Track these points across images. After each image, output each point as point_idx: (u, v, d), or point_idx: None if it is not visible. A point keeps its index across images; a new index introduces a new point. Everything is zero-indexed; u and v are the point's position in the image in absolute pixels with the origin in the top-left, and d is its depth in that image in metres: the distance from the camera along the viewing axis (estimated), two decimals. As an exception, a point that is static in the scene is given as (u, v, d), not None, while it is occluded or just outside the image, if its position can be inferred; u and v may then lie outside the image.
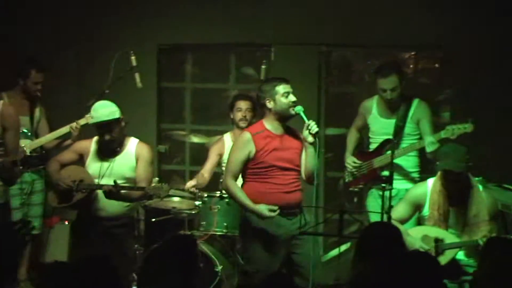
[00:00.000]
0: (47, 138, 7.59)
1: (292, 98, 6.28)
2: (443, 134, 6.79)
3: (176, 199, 7.75)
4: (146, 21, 8.82)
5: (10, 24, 8.78)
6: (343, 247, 7.49)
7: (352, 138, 7.65)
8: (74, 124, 7.45)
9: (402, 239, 4.99)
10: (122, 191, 6.70)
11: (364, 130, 7.63)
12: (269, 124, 6.37)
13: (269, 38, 8.66)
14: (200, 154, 8.52)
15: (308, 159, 6.32)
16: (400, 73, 7.27)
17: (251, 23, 8.64)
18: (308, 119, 6.20)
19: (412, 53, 8.88)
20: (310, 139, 6.20)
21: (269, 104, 6.32)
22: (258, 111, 6.92)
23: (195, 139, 8.58)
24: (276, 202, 6.27)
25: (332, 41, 8.76)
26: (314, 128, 6.17)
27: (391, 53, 8.80)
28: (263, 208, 6.13)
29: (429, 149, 6.89)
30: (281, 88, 6.30)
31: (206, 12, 8.70)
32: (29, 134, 7.63)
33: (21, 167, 6.38)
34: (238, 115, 7.58)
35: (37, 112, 7.75)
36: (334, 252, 7.75)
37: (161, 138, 9.02)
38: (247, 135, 6.36)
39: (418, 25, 8.30)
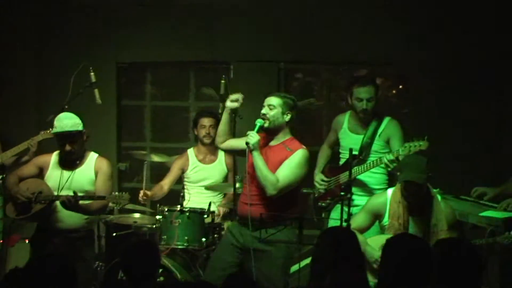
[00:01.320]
0: (6, 154, 7.54)
1: (262, 110, 6.47)
2: (401, 152, 6.73)
3: (136, 214, 7.76)
4: (105, 39, 8.84)
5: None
6: (304, 262, 7.46)
7: (323, 154, 7.63)
8: (30, 141, 7.45)
9: (357, 244, 5.01)
10: (81, 202, 6.63)
11: (337, 146, 7.61)
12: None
13: (227, 56, 8.72)
14: (160, 172, 8.50)
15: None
16: (376, 85, 7.30)
17: (210, 41, 8.71)
18: (257, 130, 6.38)
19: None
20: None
21: (222, 109, 6.69)
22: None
23: (156, 158, 8.55)
24: (240, 213, 6.46)
25: (290, 58, 8.83)
26: (248, 138, 6.32)
27: (347, 69, 8.85)
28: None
29: (388, 167, 6.91)
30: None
31: (165, 30, 8.76)
32: None
33: None
34: (202, 132, 7.74)
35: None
36: (294, 267, 7.73)
37: (121, 156, 8.98)
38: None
39: (372, 42, 8.43)
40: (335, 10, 8.54)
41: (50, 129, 7.27)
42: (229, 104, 6.48)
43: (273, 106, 6.45)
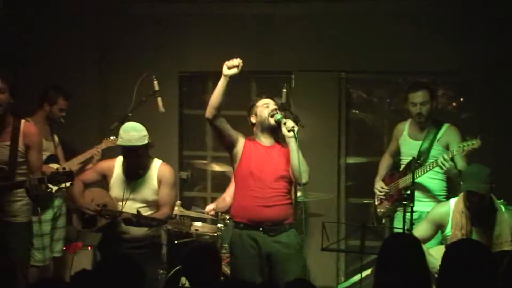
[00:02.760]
0: (73, 162, 7.66)
1: (271, 107, 6.46)
2: (455, 152, 6.81)
3: (198, 222, 7.80)
4: (168, 48, 8.92)
5: (31, 49, 8.88)
6: (365, 273, 7.44)
7: (384, 163, 7.73)
8: (94, 150, 7.58)
9: (422, 250, 4.96)
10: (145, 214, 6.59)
11: (397, 156, 7.66)
12: (257, 138, 6.53)
13: (289, 65, 8.73)
14: (221, 182, 8.55)
15: (290, 155, 6.33)
16: (430, 89, 7.34)
17: (271, 51, 8.73)
18: (287, 119, 6.38)
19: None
20: (288, 134, 6.27)
21: (253, 120, 6.55)
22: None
23: (217, 167, 8.59)
24: (255, 217, 6.37)
25: (351, 67, 8.82)
26: (290, 123, 6.28)
27: (408, 79, 8.79)
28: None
29: (443, 167, 6.88)
30: (260, 102, 6.55)
31: (226, 40, 8.75)
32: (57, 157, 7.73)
33: (49, 185, 6.42)
34: None
35: (55, 138, 7.84)
36: (356, 277, 7.70)
37: (183, 164, 9.03)
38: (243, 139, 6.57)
39: (435, 51, 8.37)
40: (397, 19, 8.51)
41: (114, 137, 7.35)
42: (227, 71, 6.36)
43: (278, 107, 6.55)
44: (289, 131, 6.26)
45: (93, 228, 6.73)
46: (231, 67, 6.31)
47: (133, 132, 6.62)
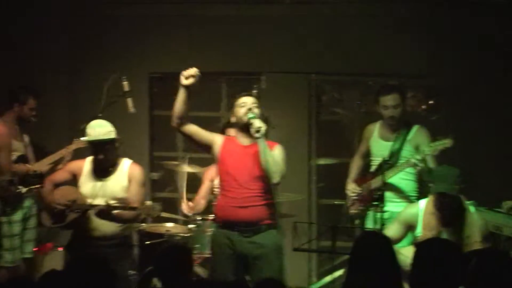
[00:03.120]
0: (43, 162, 7.61)
1: (248, 106, 6.38)
2: (426, 151, 6.84)
3: (169, 223, 7.79)
4: (138, 49, 8.93)
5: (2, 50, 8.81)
6: (337, 274, 7.44)
7: (354, 164, 7.70)
8: (64, 150, 7.54)
9: (391, 248, 4.99)
10: (114, 211, 6.64)
11: (367, 157, 7.64)
12: (237, 137, 6.49)
13: (259, 67, 8.74)
14: (192, 182, 8.50)
15: (259, 156, 6.27)
16: (401, 91, 7.35)
17: (242, 52, 8.74)
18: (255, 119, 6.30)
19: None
20: (255, 134, 6.21)
21: (232, 119, 6.51)
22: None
23: (188, 168, 8.57)
24: (230, 217, 6.33)
25: (321, 69, 8.84)
26: (256, 123, 6.22)
27: (376, 81, 8.82)
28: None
29: (417, 167, 6.94)
30: (239, 101, 6.47)
31: (197, 41, 8.79)
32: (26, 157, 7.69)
33: (19, 187, 6.40)
34: None
35: (25, 138, 7.79)
36: (328, 278, 7.71)
37: (154, 165, 9.02)
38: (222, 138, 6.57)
39: (401, 55, 8.45)
40: (367, 22, 8.56)
41: (82, 138, 7.33)
42: (184, 81, 6.36)
43: (257, 105, 6.45)
44: (256, 131, 6.24)
45: (62, 223, 6.74)
46: (187, 76, 6.31)
47: (98, 128, 6.73)
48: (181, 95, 6.40)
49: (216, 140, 6.46)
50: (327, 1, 8.62)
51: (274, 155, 6.32)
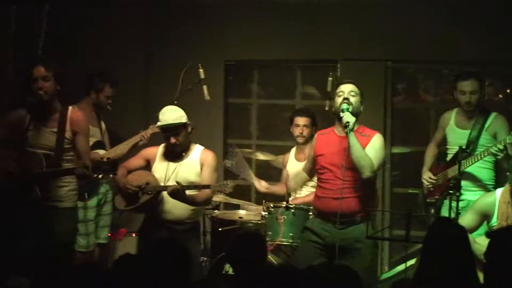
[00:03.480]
0: (121, 148, 7.71)
1: (344, 96, 6.32)
2: (508, 140, 6.72)
3: (242, 210, 7.83)
4: (213, 37, 8.94)
5: (79, 38, 8.97)
6: (409, 263, 7.38)
7: (430, 153, 7.65)
8: (142, 133, 7.63)
9: (466, 236, 4.93)
10: (188, 193, 6.70)
11: (443, 145, 7.59)
12: (335, 127, 6.45)
13: (334, 54, 8.69)
14: (266, 170, 8.55)
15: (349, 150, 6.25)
16: (479, 78, 7.27)
17: (317, 39, 8.69)
18: (345, 113, 6.25)
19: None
20: (344, 130, 6.21)
21: (329, 107, 6.40)
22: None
23: (261, 156, 8.59)
24: (325, 208, 6.34)
25: (398, 56, 8.77)
26: (345, 118, 6.20)
27: (454, 69, 8.72)
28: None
29: (498, 156, 6.84)
30: (338, 88, 6.43)
31: (272, 30, 8.79)
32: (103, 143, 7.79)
33: (94, 175, 6.48)
34: (296, 131, 7.72)
35: (102, 124, 7.91)
36: (400, 267, 7.66)
37: (227, 153, 9.06)
38: (315, 135, 6.62)
39: (483, 42, 8.31)
40: (443, 10, 8.45)
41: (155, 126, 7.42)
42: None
43: (355, 93, 6.40)
44: (344, 126, 6.22)
45: (135, 205, 6.83)
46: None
47: (169, 113, 6.82)
48: None
49: (313, 147, 6.56)
50: None
51: (369, 147, 6.28)
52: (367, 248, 6.30)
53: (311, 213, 6.93)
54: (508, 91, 8.82)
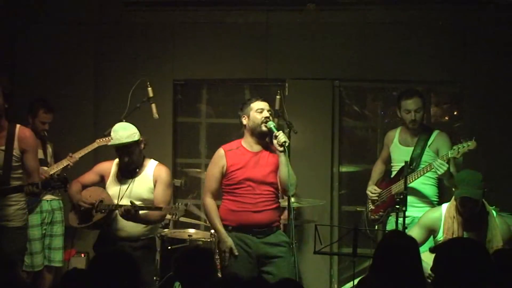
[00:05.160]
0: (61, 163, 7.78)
1: (265, 114, 6.49)
2: (450, 154, 6.85)
3: (191, 229, 7.87)
4: (162, 56, 8.97)
5: (27, 57, 8.93)
6: (358, 280, 7.43)
7: (376, 170, 7.82)
8: (89, 147, 7.73)
9: (418, 249, 5.00)
10: (141, 212, 6.65)
11: (389, 163, 7.71)
12: (245, 142, 6.63)
13: (283, 73, 8.76)
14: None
15: (280, 168, 6.46)
16: (423, 96, 7.43)
17: (265, 59, 8.77)
18: (278, 131, 6.41)
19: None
20: (279, 148, 6.37)
21: (244, 121, 6.59)
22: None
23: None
24: (244, 221, 6.48)
25: (345, 76, 8.89)
26: (281, 138, 6.35)
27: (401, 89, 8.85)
28: (227, 244, 6.42)
29: (439, 171, 6.93)
30: (256, 105, 6.57)
31: (221, 48, 8.85)
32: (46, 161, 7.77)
33: (43, 192, 6.46)
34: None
35: (49, 148, 7.92)
36: (349, 285, 7.71)
37: (177, 172, 9.07)
38: (220, 151, 6.66)
39: (425, 61, 8.50)
40: (390, 28, 8.63)
41: (106, 138, 7.42)
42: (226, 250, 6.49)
43: (270, 110, 6.58)
44: (280, 145, 6.36)
45: (89, 223, 6.77)
46: (232, 252, 6.47)
47: (122, 132, 6.78)
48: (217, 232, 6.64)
49: (223, 164, 6.60)
50: (350, 8, 8.66)
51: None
52: (287, 252, 6.50)
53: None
54: (455, 113, 8.96)
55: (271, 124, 6.45)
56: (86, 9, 9.04)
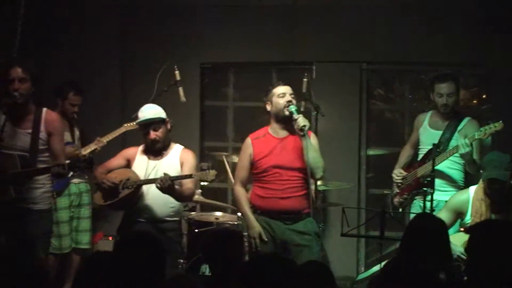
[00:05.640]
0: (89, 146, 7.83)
1: (287, 98, 6.46)
2: (477, 136, 6.81)
3: (218, 212, 7.88)
4: (189, 40, 9.01)
5: (56, 43, 8.95)
6: (384, 263, 7.44)
7: (404, 153, 7.73)
8: (116, 131, 7.79)
9: (447, 231, 5.02)
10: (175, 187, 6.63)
11: (418, 146, 7.65)
12: (271, 128, 6.62)
13: (310, 56, 8.78)
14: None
15: (304, 152, 6.40)
16: (456, 81, 7.36)
17: (292, 42, 8.77)
18: (298, 115, 6.38)
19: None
20: (299, 132, 6.36)
21: (268, 107, 6.60)
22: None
23: (237, 159, 8.61)
24: (272, 207, 6.48)
25: (373, 58, 8.89)
26: (301, 122, 6.31)
27: (429, 74, 8.82)
28: (255, 230, 6.40)
29: (460, 150, 6.89)
30: (277, 90, 6.55)
31: (247, 32, 8.90)
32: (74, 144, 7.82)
33: (70, 172, 6.49)
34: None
35: (76, 131, 7.96)
36: (375, 268, 7.74)
37: (204, 155, 9.10)
38: (248, 140, 6.66)
39: (454, 44, 8.47)
40: (419, 11, 8.59)
41: (133, 123, 7.46)
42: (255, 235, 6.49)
43: (294, 95, 6.55)
44: (300, 129, 6.35)
45: (115, 199, 6.74)
46: (260, 237, 6.46)
47: (149, 110, 6.82)
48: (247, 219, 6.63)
49: (250, 152, 6.62)
50: None
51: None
52: (314, 242, 6.46)
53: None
54: (484, 96, 8.93)
55: (293, 108, 6.42)
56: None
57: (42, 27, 8.88)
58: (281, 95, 6.49)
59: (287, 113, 6.43)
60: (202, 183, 7.37)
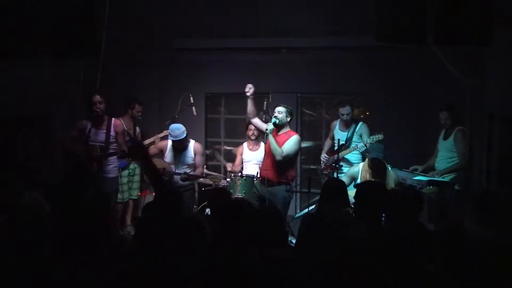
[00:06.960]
0: (148, 141, 7.71)
1: (274, 114, 6.52)
2: (368, 141, 6.91)
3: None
4: (198, 77, 8.81)
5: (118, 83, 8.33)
6: (311, 208, 7.47)
7: (326, 144, 7.82)
8: (157, 137, 7.63)
9: (346, 188, 5.08)
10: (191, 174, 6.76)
11: (333, 140, 7.64)
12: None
13: (268, 88, 8.56)
14: (229, 156, 8.58)
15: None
16: (352, 105, 7.44)
17: (257, 79, 8.50)
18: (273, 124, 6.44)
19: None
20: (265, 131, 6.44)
21: (265, 118, 6.75)
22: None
23: (226, 148, 8.63)
24: (261, 176, 6.54)
25: (304, 90, 8.79)
26: (268, 126, 6.40)
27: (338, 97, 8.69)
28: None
29: (361, 149, 7.05)
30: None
31: (235, 71, 8.64)
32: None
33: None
34: (249, 133, 7.72)
35: (137, 129, 7.92)
36: (305, 210, 7.75)
37: (207, 146, 9.09)
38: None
39: (351, 79, 8.32)
40: (335, 55, 8.38)
41: (163, 132, 7.43)
42: (247, 94, 6.50)
43: (280, 112, 6.54)
44: (265, 130, 6.43)
45: None
46: (248, 91, 6.50)
47: (176, 131, 6.78)
48: (249, 102, 6.59)
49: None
50: (309, 47, 8.42)
51: (287, 141, 6.40)
52: (280, 195, 6.43)
53: (255, 179, 6.94)
54: (367, 113, 8.94)
55: (272, 119, 6.50)
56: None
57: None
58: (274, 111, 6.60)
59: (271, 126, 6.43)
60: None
